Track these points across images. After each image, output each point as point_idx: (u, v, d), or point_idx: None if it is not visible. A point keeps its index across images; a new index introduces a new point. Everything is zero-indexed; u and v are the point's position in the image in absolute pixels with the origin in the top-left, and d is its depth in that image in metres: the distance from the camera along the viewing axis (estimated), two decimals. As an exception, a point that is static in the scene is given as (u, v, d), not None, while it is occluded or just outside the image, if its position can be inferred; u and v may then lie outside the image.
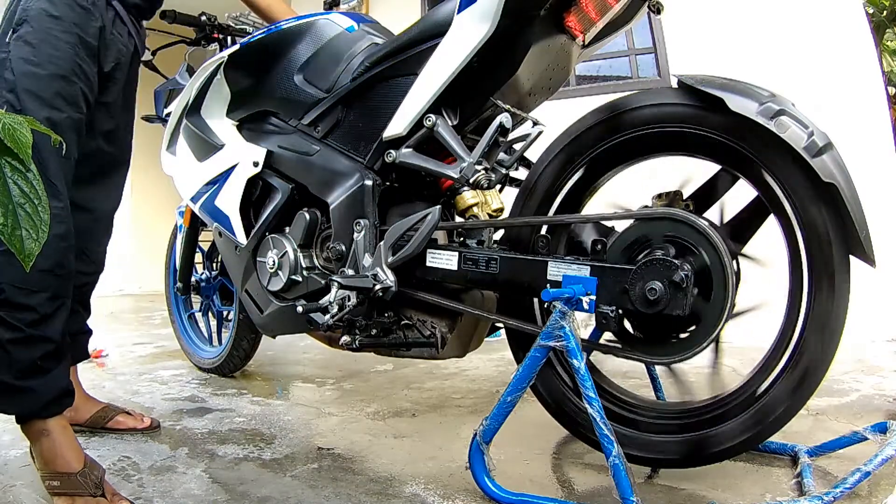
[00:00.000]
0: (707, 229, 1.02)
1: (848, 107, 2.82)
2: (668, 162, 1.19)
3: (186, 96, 1.65)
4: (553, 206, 1.22)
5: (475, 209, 1.26)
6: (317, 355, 2.58)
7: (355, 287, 1.21)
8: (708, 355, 1.13)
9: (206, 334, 2.32)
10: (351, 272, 1.27)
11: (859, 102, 2.88)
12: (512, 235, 1.25)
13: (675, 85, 1.10)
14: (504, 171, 1.24)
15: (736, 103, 1.00)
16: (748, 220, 1.15)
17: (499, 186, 1.39)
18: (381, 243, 1.23)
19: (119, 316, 4.04)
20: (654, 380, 1.51)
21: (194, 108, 1.63)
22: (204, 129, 1.60)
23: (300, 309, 1.28)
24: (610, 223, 1.20)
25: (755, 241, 1.15)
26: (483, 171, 1.17)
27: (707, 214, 1.16)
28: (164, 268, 2.36)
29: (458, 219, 1.29)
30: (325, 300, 1.23)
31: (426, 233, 1.18)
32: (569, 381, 1.21)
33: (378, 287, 1.20)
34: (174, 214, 2.14)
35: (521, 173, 1.38)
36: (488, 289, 1.30)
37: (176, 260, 2.16)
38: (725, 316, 1.01)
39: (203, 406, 1.81)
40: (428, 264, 1.23)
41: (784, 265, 1.09)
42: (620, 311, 1.06)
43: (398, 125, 1.24)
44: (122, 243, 1.44)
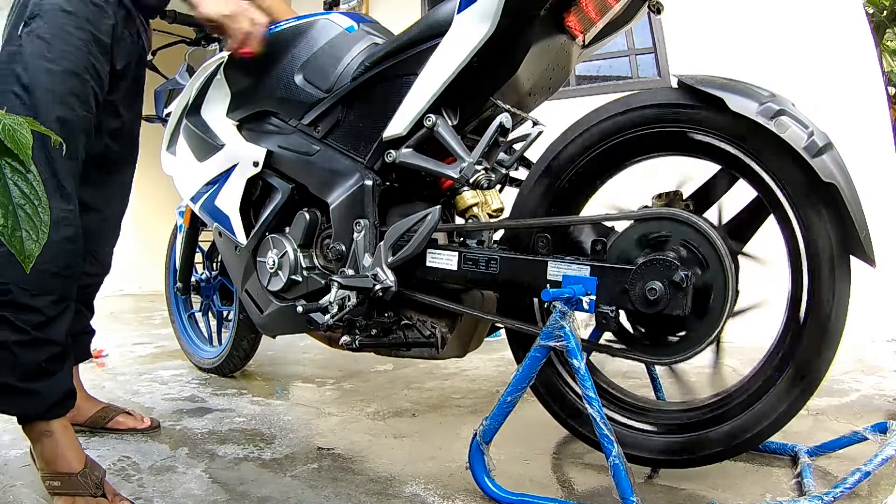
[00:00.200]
0: (707, 229, 1.02)
1: (848, 107, 2.82)
2: (669, 162, 1.19)
3: (186, 96, 1.65)
4: (553, 206, 1.22)
5: (475, 209, 1.26)
6: (317, 355, 2.58)
7: (355, 287, 1.21)
8: (708, 355, 1.13)
9: (206, 334, 2.32)
10: (351, 272, 1.27)
11: (859, 102, 2.88)
12: (512, 235, 1.25)
13: (675, 85, 1.10)
14: (504, 171, 1.24)
15: (736, 103, 1.00)
16: (748, 220, 1.15)
17: (499, 186, 1.39)
18: (381, 243, 1.23)
19: (119, 316, 4.05)
20: (654, 380, 1.51)
21: (194, 108, 1.63)
22: (204, 129, 1.59)
23: (300, 309, 1.28)
24: (610, 223, 1.20)
25: (755, 241, 1.15)
26: (483, 171, 1.17)
27: (707, 214, 1.16)
28: (164, 268, 2.36)
29: (458, 219, 1.29)
30: (325, 300, 1.23)
31: (426, 233, 1.18)
32: (569, 381, 1.21)
33: (378, 287, 1.20)
34: (174, 214, 2.14)
35: (521, 173, 1.38)
36: (488, 289, 1.30)
37: (176, 260, 2.16)
38: (725, 316, 1.02)
39: (203, 406, 1.81)
40: (428, 264, 1.23)
41: (784, 265, 1.09)
42: (620, 311, 1.06)
43: (398, 125, 1.24)
44: (122, 243, 1.44)
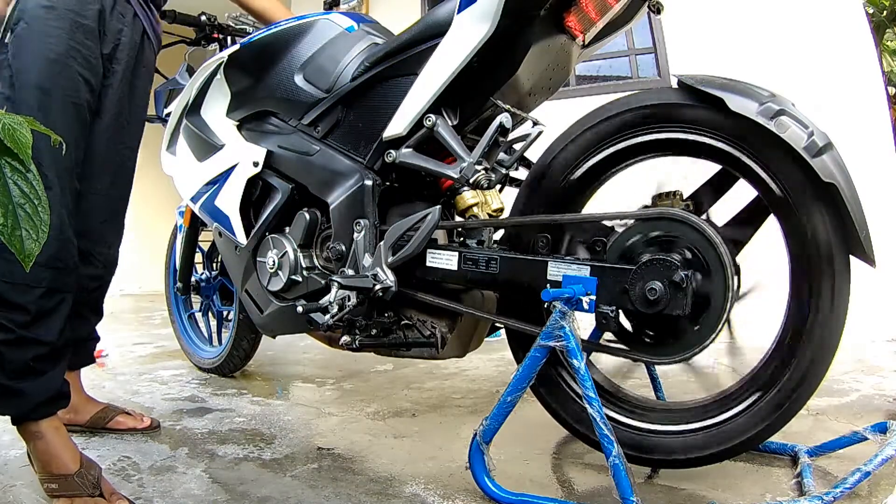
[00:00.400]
0: (707, 229, 1.02)
1: (848, 107, 2.82)
2: (668, 162, 1.19)
3: (186, 96, 1.65)
4: (552, 206, 1.22)
5: (475, 209, 1.26)
6: (317, 355, 2.58)
7: (355, 287, 1.21)
8: (708, 354, 1.13)
9: (206, 334, 2.32)
10: (351, 272, 1.27)
11: (859, 102, 2.88)
12: (512, 235, 1.25)
13: (675, 85, 1.10)
14: (504, 171, 1.24)
15: (736, 103, 1.00)
16: (748, 220, 1.15)
17: (499, 186, 1.39)
18: (381, 243, 1.23)
19: (119, 316, 4.05)
20: (654, 380, 1.51)
21: (194, 108, 1.63)
22: (204, 129, 1.59)
23: (300, 309, 1.28)
24: (610, 223, 1.20)
25: (755, 241, 1.15)
26: (483, 171, 1.17)
27: (707, 214, 1.16)
28: (164, 268, 2.37)
29: (458, 219, 1.29)
30: (325, 300, 1.23)
31: (426, 233, 1.18)
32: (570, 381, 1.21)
33: (378, 287, 1.20)
34: (174, 214, 2.14)
35: (521, 173, 1.38)
36: (488, 289, 1.30)
37: (176, 260, 2.17)
38: (725, 316, 1.02)
39: (203, 406, 1.81)
40: (428, 264, 1.23)
41: (784, 265, 1.09)
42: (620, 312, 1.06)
43: (398, 125, 1.24)
44: (123, 243, 1.45)
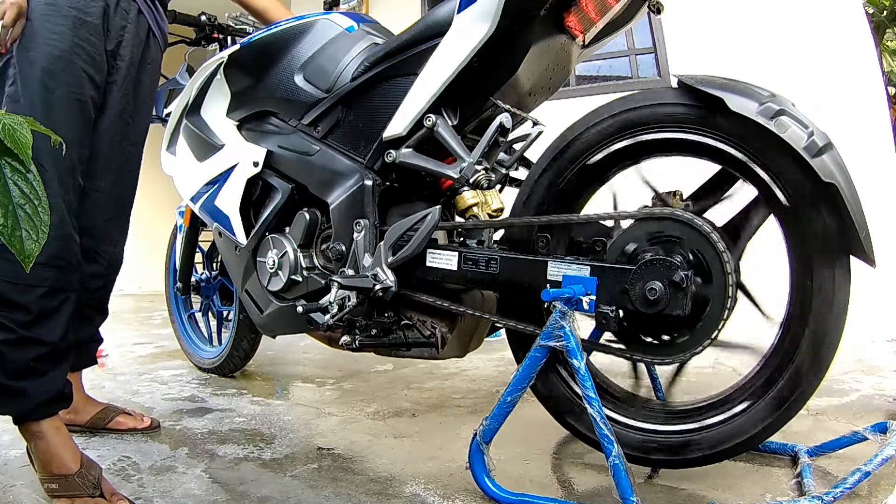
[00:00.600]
0: (707, 229, 1.02)
1: (848, 107, 2.82)
2: (669, 162, 1.19)
3: (186, 96, 1.65)
4: (553, 206, 1.22)
5: (475, 209, 1.26)
6: (317, 355, 2.58)
7: (355, 287, 1.21)
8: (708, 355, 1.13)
9: (206, 334, 2.32)
10: (351, 272, 1.27)
11: (859, 102, 2.88)
12: (512, 235, 1.25)
13: (675, 85, 1.10)
14: (504, 171, 1.24)
15: (736, 103, 1.00)
16: (748, 220, 1.15)
17: (499, 186, 1.39)
18: (381, 243, 1.23)
19: (119, 316, 4.04)
20: (653, 380, 1.51)
21: (194, 108, 1.63)
22: (204, 129, 1.60)
23: (300, 309, 1.28)
24: (610, 223, 1.20)
25: (755, 241, 1.15)
26: (483, 171, 1.17)
27: (707, 214, 1.16)
28: (164, 268, 2.37)
29: (458, 219, 1.29)
30: (325, 300, 1.23)
31: (426, 233, 1.18)
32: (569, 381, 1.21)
33: (378, 287, 1.20)
34: (174, 214, 2.14)
35: (521, 173, 1.38)
36: (488, 289, 1.30)
37: (176, 260, 2.16)
38: (725, 316, 1.02)
39: (203, 406, 1.81)
40: (428, 264, 1.23)
41: (784, 265, 1.09)
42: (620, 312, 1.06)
43: (398, 125, 1.24)
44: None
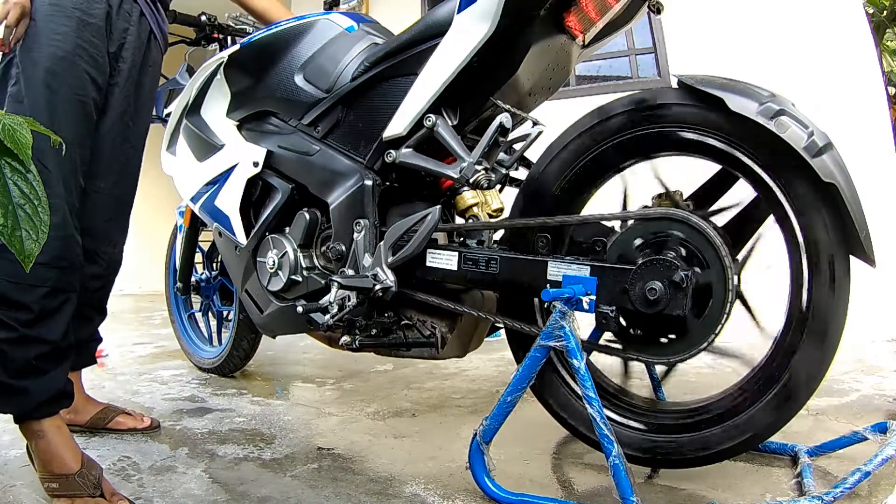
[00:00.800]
0: (707, 229, 1.02)
1: (848, 107, 2.82)
2: (669, 162, 1.19)
3: (186, 96, 1.65)
4: (552, 206, 1.22)
5: (475, 209, 1.26)
6: (317, 355, 2.58)
7: (355, 287, 1.21)
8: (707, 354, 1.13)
9: (206, 334, 2.32)
10: (351, 272, 1.27)
11: (859, 102, 2.88)
12: (512, 235, 1.25)
13: (675, 85, 1.10)
14: (504, 171, 1.24)
15: (736, 103, 1.00)
16: (748, 220, 1.15)
17: (499, 186, 1.39)
18: (381, 243, 1.23)
19: (119, 316, 4.04)
20: (653, 380, 1.51)
21: (194, 108, 1.63)
22: (204, 129, 1.60)
23: (300, 309, 1.28)
24: (610, 223, 1.20)
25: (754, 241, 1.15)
26: (483, 171, 1.17)
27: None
28: (164, 268, 2.37)
29: (459, 219, 1.29)
30: (325, 300, 1.23)
31: (426, 233, 1.18)
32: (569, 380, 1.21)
33: (378, 287, 1.20)
34: (174, 214, 2.14)
35: (521, 173, 1.38)
36: (488, 289, 1.30)
37: (176, 260, 2.17)
38: (725, 316, 1.02)
39: (203, 406, 1.81)
40: (428, 264, 1.23)
41: (784, 265, 1.09)
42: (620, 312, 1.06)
43: (398, 125, 1.24)
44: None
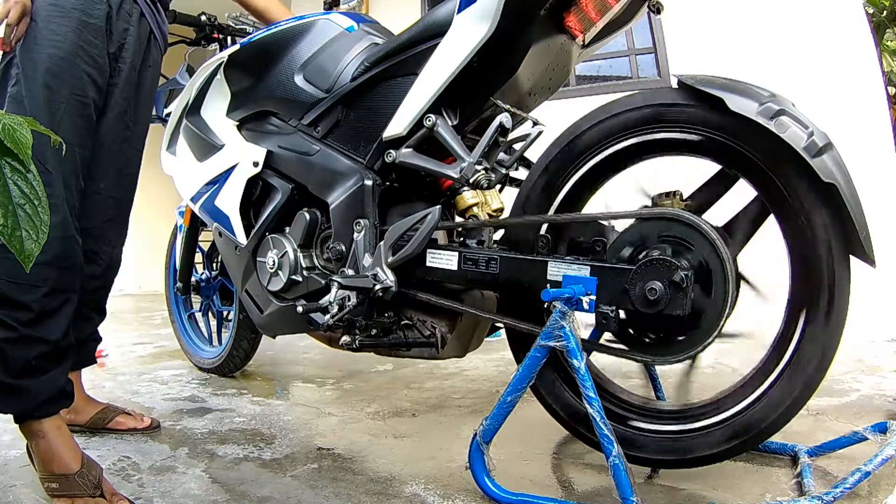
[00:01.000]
0: (707, 229, 1.02)
1: (848, 107, 2.82)
2: (669, 162, 1.19)
3: (186, 96, 1.65)
4: (553, 206, 1.22)
5: (475, 209, 1.26)
6: (317, 355, 2.58)
7: (355, 287, 1.21)
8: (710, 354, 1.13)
9: (206, 334, 2.32)
10: (351, 272, 1.27)
11: (859, 102, 2.88)
12: (512, 235, 1.25)
13: (675, 85, 1.10)
14: (504, 171, 1.24)
15: (736, 103, 1.00)
16: (748, 220, 1.15)
17: (499, 186, 1.39)
18: (381, 243, 1.23)
19: (119, 316, 4.04)
20: (653, 380, 1.51)
21: (194, 108, 1.63)
22: (204, 129, 1.60)
23: (300, 309, 1.28)
24: (610, 223, 1.20)
25: (755, 241, 1.15)
26: (483, 171, 1.17)
27: (706, 214, 1.16)
28: (164, 268, 2.37)
29: (459, 219, 1.29)
30: (325, 300, 1.23)
31: (426, 233, 1.18)
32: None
33: (378, 287, 1.20)
34: (174, 214, 2.14)
35: (521, 173, 1.38)
36: (488, 289, 1.30)
37: (176, 260, 2.17)
38: (725, 316, 1.01)
39: (203, 406, 1.81)
40: (428, 264, 1.23)
41: (784, 265, 1.09)
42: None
43: (398, 125, 1.24)
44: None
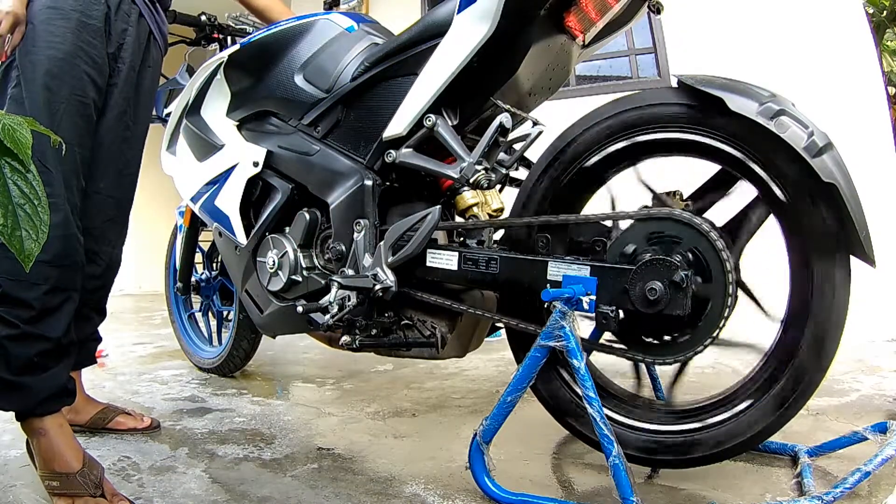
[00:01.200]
0: (707, 229, 1.01)
1: (848, 107, 2.82)
2: (669, 162, 1.19)
3: (186, 96, 1.65)
4: (553, 206, 1.22)
5: (475, 209, 1.26)
6: (317, 355, 2.58)
7: (355, 287, 1.21)
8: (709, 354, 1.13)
9: (206, 334, 2.32)
10: (351, 272, 1.27)
11: (859, 102, 2.88)
12: (512, 235, 1.25)
13: (675, 85, 1.10)
14: (504, 171, 1.24)
15: (736, 103, 1.00)
16: (748, 220, 1.15)
17: (499, 186, 1.39)
18: (381, 243, 1.23)
19: (119, 316, 4.04)
20: (654, 380, 1.51)
21: (194, 108, 1.63)
22: (204, 129, 1.60)
23: (300, 309, 1.28)
24: (610, 223, 1.19)
25: (755, 241, 1.15)
26: (483, 171, 1.17)
27: (707, 214, 1.16)
28: (164, 268, 2.37)
29: (459, 219, 1.29)
30: (325, 300, 1.23)
31: (426, 233, 1.18)
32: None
33: (378, 287, 1.20)
34: (174, 214, 2.14)
35: (521, 173, 1.38)
36: (488, 289, 1.30)
37: (176, 260, 2.17)
38: (725, 315, 1.01)
39: (203, 406, 1.81)
40: (428, 264, 1.23)
41: (784, 265, 1.09)
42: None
43: (398, 125, 1.24)
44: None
